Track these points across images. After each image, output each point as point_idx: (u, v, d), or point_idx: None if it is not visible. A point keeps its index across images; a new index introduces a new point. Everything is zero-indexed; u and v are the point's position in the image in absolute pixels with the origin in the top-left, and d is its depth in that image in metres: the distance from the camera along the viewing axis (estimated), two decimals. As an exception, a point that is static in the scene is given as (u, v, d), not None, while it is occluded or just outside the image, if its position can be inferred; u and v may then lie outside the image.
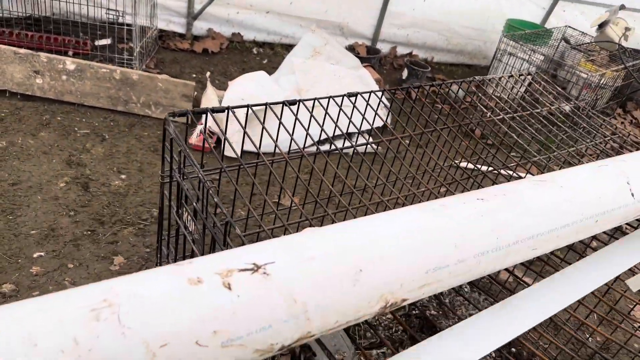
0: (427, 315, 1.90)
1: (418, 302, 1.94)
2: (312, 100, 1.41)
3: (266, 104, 1.33)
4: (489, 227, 0.72)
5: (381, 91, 1.64)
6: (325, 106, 1.45)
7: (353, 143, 1.49)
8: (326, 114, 1.42)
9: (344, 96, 1.48)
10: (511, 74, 2.00)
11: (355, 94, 1.49)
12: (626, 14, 4.41)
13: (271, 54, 4.37)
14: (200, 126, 2.95)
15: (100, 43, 3.59)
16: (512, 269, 1.77)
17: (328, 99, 1.45)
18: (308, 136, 1.39)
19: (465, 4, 4.87)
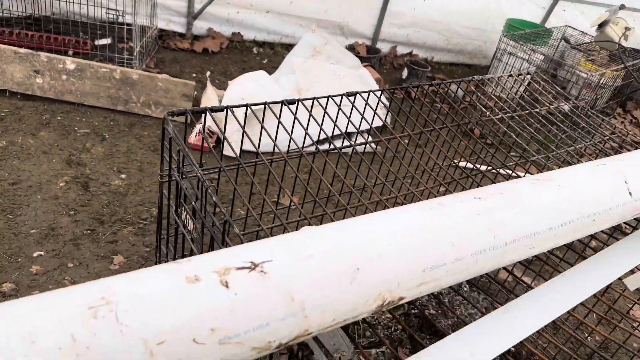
0: (426, 314, 1.90)
1: (417, 302, 1.94)
2: (311, 99, 1.41)
3: (265, 104, 1.33)
4: (487, 226, 0.72)
5: (380, 90, 1.64)
6: (324, 106, 1.46)
7: (352, 142, 1.49)
8: (325, 114, 1.43)
9: (343, 95, 1.48)
10: (510, 74, 2.00)
11: (354, 94, 1.50)
12: (626, 14, 4.41)
13: (271, 54, 4.37)
14: (199, 125, 2.95)
15: (100, 43, 3.60)
16: (511, 269, 1.77)
17: (327, 99, 1.45)
18: (307, 136, 1.39)
19: (465, 4, 4.87)
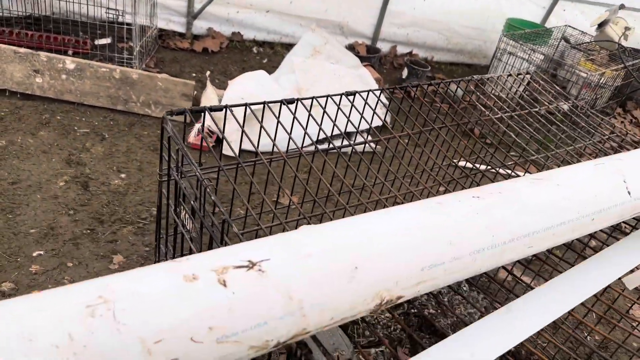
0: (426, 314, 1.90)
1: (416, 301, 1.94)
2: (310, 99, 1.41)
3: (264, 103, 1.33)
4: (485, 225, 0.72)
5: (379, 90, 1.64)
6: (323, 105, 1.46)
7: (351, 142, 1.49)
8: (324, 113, 1.43)
9: (342, 95, 1.48)
10: (510, 73, 2.00)
11: (353, 93, 1.50)
12: (626, 14, 4.41)
13: (271, 53, 4.37)
14: (198, 125, 2.95)
15: (100, 42, 3.60)
16: (511, 268, 1.77)
17: (326, 98, 1.45)
18: (306, 135, 1.39)
19: (465, 4, 4.87)
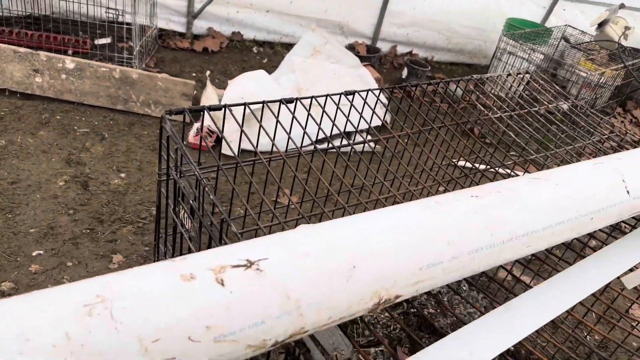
0: (425, 313, 1.90)
1: (416, 301, 1.94)
2: (310, 98, 1.41)
3: (263, 102, 1.33)
4: (483, 224, 0.72)
5: (379, 89, 1.64)
6: (322, 105, 1.45)
7: (350, 142, 1.49)
8: (323, 113, 1.43)
9: (342, 94, 1.48)
10: (509, 73, 2.00)
11: (352, 92, 1.50)
12: (626, 13, 4.40)
13: (271, 53, 4.37)
14: (197, 124, 2.94)
15: (99, 42, 3.60)
16: (510, 268, 1.77)
17: (325, 98, 1.45)
18: (305, 135, 1.39)
19: (465, 3, 4.87)
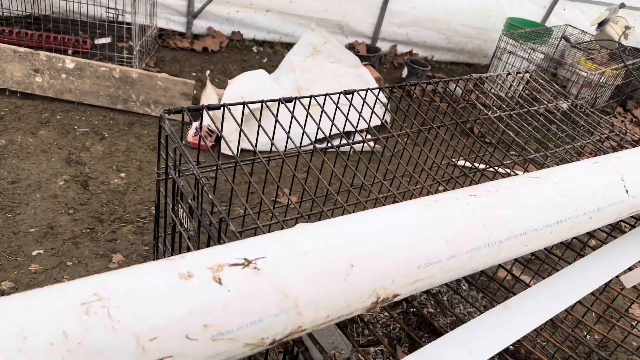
0: (425, 313, 1.90)
1: (415, 300, 1.94)
2: (309, 97, 1.41)
3: (262, 102, 1.33)
4: (482, 223, 0.72)
5: (378, 89, 1.64)
6: (322, 104, 1.45)
7: (350, 141, 1.49)
8: (322, 112, 1.43)
9: (341, 94, 1.48)
10: (509, 72, 2.00)
11: (352, 92, 1.50)
12: (626, 13, 4.40)
13: (271, 53, 4.37)
14: (196, 124, 2.94)
15: (99, 42, 3.60)
16: (510, 267, 1.77)
17: (325, 97, 1.45)
18: (304, 134, 1.39)
19: (465, 3, 4.87)
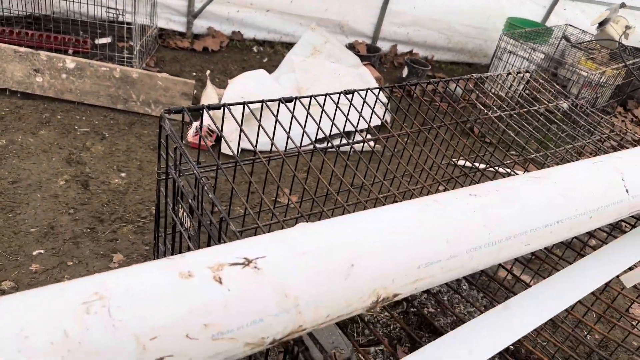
0: (425, 312, 1.90)
1: (416, 300, 1.94)
2: (309, 97, 1.41)
3: (262, 101, 1.33)
4: (482, 223, 0.72)
5: (378, 88, 1.64)
6: (322, 104, 1.45)
7: (350, 141, 1.49)
8: (322, 112, 1.43)
9: (341, 93, 1.48)
10: (509, 72, 2.00)
11: (352, 92, 1.50)
12: (626, 12, 4.40)
13: (271, 53, 4.37)
14: (196, 123, 2.94)
15: (100, 42, 3.60)
16: (510, 267, 1.77)
17: (325, 97, 1.45)
18: (305, 134, 1.39)
19: (465, 3, 4.87)
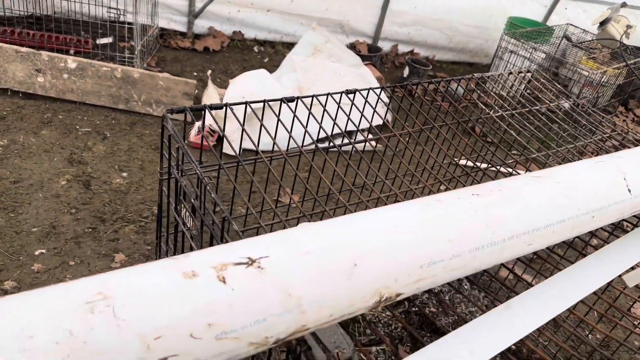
0: (427, 312, 1.90)
1: (417, 300, 1.94)
2: (311, 97, 1.41)
3: (264, 101, 1.33)
4: (484, 222, 0.72)
5: (379, 88, 1.64)
6: (324, 104, 1.46)
7: (352, 141, 1.49)
8: (324, 111, 1.43)
9: (342, 93, 1.48)
10: (511, 72, 2.00)
11: (353, 91, 1.50)
12: (628, 12, 4.39)
13: (272, 52, 4.37)
14: (198, 123, 2.95)
15: (101, 41, 3.60)
16: (512, 267, 1.77)
17: (326, 97, 1.45)
18: (306, 134, 1.40)
19: (466, 2, 4.86)
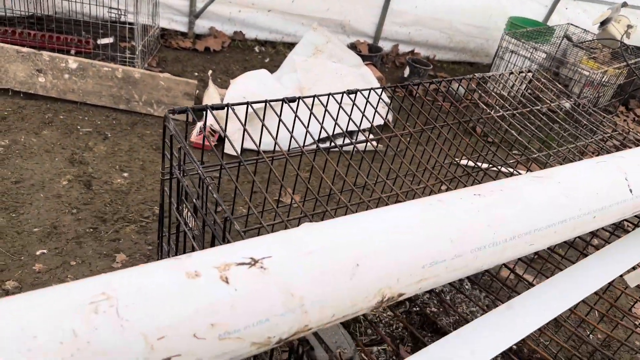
0: (428, 312, 1.90)
1: (418, 300, 1.95)
2: (312, 97, 1.42)
3: (266, 101, 1.34)
4: (486, 223, 0.72)
5: (380, 88, 1.64)
6: (325, 104, 1.46)
7: (353, 140, 1.50)
8: (325, 112, 1.43)
9: (344, 93, 1.48)
10: (511, 71, 2.00)
11: (354, 91, 1.50)
12: (628, 12, 4.39)
13: (273, 53, 4.37)
14: (200, 123, 2.95)
15: (102, 42, 3.60)
16: (513, 267, 1.77)
17: (328, 97, 1.45)
18: (308, 134, 1.40)
19: (467, 2, 4.86)
